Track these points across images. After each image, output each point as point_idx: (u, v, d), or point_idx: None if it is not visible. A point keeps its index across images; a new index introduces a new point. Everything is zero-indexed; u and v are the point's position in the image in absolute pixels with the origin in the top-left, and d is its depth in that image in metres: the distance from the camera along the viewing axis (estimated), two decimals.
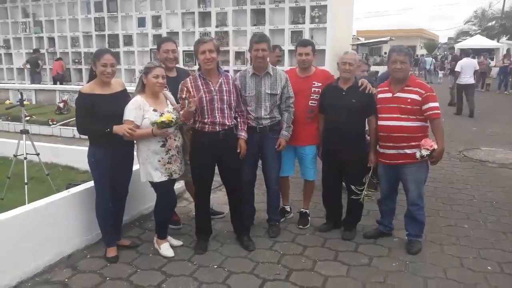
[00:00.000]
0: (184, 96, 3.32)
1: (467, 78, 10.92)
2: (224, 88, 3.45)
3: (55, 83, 12.69)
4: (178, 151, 3.44)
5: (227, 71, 3.70)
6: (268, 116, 3.71)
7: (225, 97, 3.44)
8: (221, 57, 7.97)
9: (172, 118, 3.17)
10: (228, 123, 3.46)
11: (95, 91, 3.25)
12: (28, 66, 13.18)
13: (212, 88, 3.42)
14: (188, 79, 3.51)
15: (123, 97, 3.39)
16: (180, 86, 3.44)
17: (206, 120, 3.40)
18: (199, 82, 3.43)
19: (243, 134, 3.60)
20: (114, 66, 3.28)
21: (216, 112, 3.40)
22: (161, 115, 3.20)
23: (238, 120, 3.60)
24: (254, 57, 3.68)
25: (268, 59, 3.74)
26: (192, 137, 3.54)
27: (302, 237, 3.89)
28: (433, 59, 25.38)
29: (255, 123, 3.70)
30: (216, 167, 3.65)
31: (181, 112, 3.33)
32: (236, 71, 10.59)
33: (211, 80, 3.44)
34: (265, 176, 3.93)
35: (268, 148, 3.78)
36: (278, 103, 3.75)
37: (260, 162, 3.92)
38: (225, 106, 3.43)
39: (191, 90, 3.34)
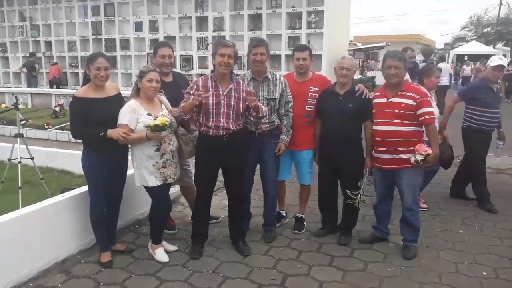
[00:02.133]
0: (192, 92, 3.35)
1: (444, 80, 12.41)
2: (233, 95, 3.43)
3: (51, 86, 12.67)
4: (173, 156, 3.43)
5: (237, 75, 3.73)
6: (267, 121, 3.70)
7: (233, 103, 3.42)
8: None
9: (166, 121, 3.16)
10: (232, 128, 3.44)
11: (89, 95, 3.24)
12: (24, 70, 13.17)
13: (221, 92, 3.41)
14: (200, 78, 3.54)
15: (118, 101, 3.38)
16: (191, 84, 3.49)
17: (210, 124, 3.40)
18: (210, 84, 3.43)
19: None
20: (107, 69, 3.26)
21: (221, 116, 3.39)
22: (155, 119, 3.20)
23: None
24: (253, 61, 3.69)
25: (266, 63, 3.73)
26: (197, 141, 3.55)
27: (297, 242, 3.88)
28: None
29: (254, 128, 3.69)
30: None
31: (182, 104, 3.36)
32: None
33: (222, 84, 3.43)
34: (263, 181, 3.92)
35: (267, 153, 3.77)
36: (276, 108, 3.75)
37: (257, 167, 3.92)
38: (231, 111, 3.42)
39: (200, 89, 3.37)
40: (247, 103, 3.44)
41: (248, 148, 3.63)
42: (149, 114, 3.26)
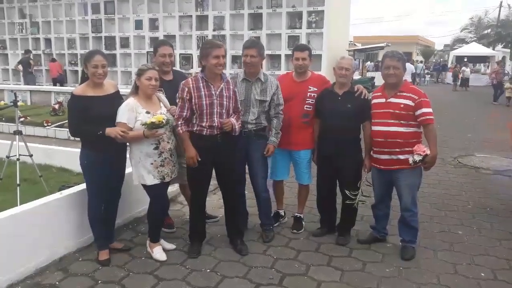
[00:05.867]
0: (184, 96, 3.33)
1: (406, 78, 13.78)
2: (225, 94, 3.43)
3: (55, 84, 12.62)
4: (171, 154, 3.42)
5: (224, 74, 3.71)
6: (254, 121, 3.70)
7: (225, 103, 3.41)
8: None
9: (163, 119, 3.16)
10: None
11: (88, 93, 3.23)
12: (20, 67, 13.12)
13: (213, 92, 3.39)
14: (189, 79, 3.48)
15: (116, 99, 3.37)
16: (181, 85, 3.41)
17: (204, 124, 3.39)
18: (201, 84, 3.40)
19: (234, 121, 3.45)
20: (105, 67, 3.24)
21: (215, 116, 3.38)
22: (153, 116, 3.20)
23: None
24: (243, 62, 3.70)
25: (260, 64, 3.69)
26: (190, 141, 3.52)
27: (296, 241, 3.87)
28: (423, 65, 29.05)
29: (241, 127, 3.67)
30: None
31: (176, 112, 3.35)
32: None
33: (213, 84, 3.41)
34: (252, 182, 3.89)
35: (254, 153, 3.75)
36: (266, 110, 3.74)
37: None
38: (224, 111, 3.41)
39: (192, 91, 3.34)
40: (234, 102, 3.47)
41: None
42: (147, 112, 3.25)
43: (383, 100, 3.54)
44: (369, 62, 25.23)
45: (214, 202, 4.64)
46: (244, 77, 3.71)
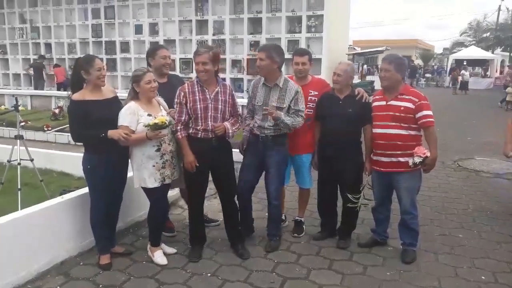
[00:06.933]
0: (181, 100, 3.38)
1: None
2: (220, 98, 3.45)
3: (59, 89, 12.61)
4: (172, 156, 3.44)
5: (224, 79, 3.71)
6: (272, 127, 3.62)
7: (220, 106, 3.44)
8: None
9: (166, 120, 3.20)
10: None
11: (87, 97, 3.25)
12: (31, 71, 13.12)
13: (208, 96, 3.42)
14: (186, 84, 3.52)
15: (115, 103, 3.40)
16: (178, 90, 3.46)
17: (199, 127, 3.41)
18: (196, 89, 3.43)
19: (228, 125, 3.44)
20: (105, 69, 3.33)
21: (210, 120, 3.41)
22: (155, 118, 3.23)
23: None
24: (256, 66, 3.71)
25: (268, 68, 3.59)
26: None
27: (297, 245, 3.87)
28: (419, 69, 30.15)
29: (258, 132, 3.67)
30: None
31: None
32: (232, 79, 10.70)
33: (208, 88, 3.44)
34: (266, 188, 3.82)
35: (271, 161, 3.68)
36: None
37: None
38: (219, 115, 3.44)
39: (187, 96, 3.38)
40: (231, 106, 3.51)
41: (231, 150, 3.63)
42: (149, 115, 3.28)
43: (383, 102, 3.56)
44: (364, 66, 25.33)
45: (215, 206, 4.63)
46: (264, 82, 3.68)
